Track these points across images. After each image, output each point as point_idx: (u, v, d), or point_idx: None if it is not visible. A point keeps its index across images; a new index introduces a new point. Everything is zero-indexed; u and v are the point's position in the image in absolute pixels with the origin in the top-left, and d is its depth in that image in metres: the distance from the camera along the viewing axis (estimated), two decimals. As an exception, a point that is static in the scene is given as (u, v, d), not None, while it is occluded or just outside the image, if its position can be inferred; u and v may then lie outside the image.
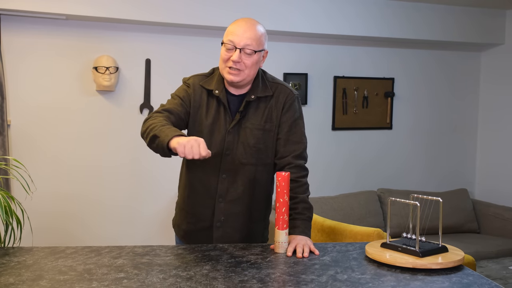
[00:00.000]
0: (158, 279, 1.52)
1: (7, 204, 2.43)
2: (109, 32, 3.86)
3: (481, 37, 4.70)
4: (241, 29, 1.89)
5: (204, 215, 2.04)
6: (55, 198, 3.79)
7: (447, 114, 4.96)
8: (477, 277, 1.59)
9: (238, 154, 1.98)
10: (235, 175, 2.00)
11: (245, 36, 1.88)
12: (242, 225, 2.05)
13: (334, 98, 4.55)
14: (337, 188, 4.58)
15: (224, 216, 2.02)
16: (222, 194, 2.01)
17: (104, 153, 3.91)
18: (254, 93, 1.98)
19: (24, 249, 1.83)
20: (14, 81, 3.68)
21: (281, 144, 2.01)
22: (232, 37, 1.89)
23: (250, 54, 1.89)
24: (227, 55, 1.90)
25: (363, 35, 4.36)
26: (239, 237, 2.05)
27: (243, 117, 1.98)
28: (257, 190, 2.03)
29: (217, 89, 1.98)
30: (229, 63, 1.90)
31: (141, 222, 4.01)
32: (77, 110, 3.83)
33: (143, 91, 3.99)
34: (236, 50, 1.88)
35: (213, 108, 1.99)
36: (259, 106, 1.99)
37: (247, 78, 1.94)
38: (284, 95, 2.01)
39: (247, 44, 1.88)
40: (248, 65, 1.90)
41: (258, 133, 1.98)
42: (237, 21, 1.94)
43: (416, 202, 1.71)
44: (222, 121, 1.98)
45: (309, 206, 1.99)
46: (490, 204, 4.70)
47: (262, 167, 2.02)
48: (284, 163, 2.00)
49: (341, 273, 1.60)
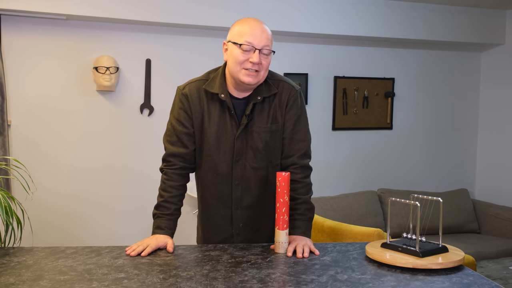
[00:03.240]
0: (158, 279, 1.52)
1: (7, 204, 2.43)
2: (109, 32, 3.87)
3: (481, 37, 4.70)
4: (258, 30, 1.83)
5: (223, 225, 2.02)
6: (55, 198, 3.80)
7: (447, 114, 4.96)
8: (477, 277, 1.59)
9: (248, 159, 1.95)
10: (248, 181, 1.97)
11: (263, 36, 1.83)
12: (262, 228, 2.03)
13: (335, 98, 4.55)
14: (337, 188, 4.58)
15: (243, 223, 2.00)
16: (237, 201, 1.98)
17: (104, 153, 3.91)
18: (260, 94, 1.92)
19: (25, 249, 1.83)
20: (14, 81, 3.68)
21: (286, 143, 1.98)
22: (250, 38, 1.82)
23: (267, 55, 1.86)
24: (244, 57, 1.83)
25: (364, 35, 4.36)
26: (260, 238, 2.03)
27: (250, 120, 1.93)
28: (270, 191, 1.99)
29: (222, 92, 1.91)
30: (246, 65, 1.83)
31: (141, 222, 4.01)
32: (77, 110, 3.83)
33: (143, 91, 3.99)
34: (256, 51, 1.82)
35: (215, 114, 1.93)
36: (264, 107, 1.94)
37: (262, 79, 1.90)
38: (287, 92, 1.97)
39: (266, 45, 1.84)
40: (265, 66, 1.86)
41: (265, 136, 1.94)
42: (248, 21, 1.87)
43: (416, 202, 1.71)
44: (228, 127, 1.93)
45: (311, 207, 1.99)
46: (490, 204, 4.70)
47: (273, 168, 1.99)
48: (289, 163, 1.98)
49: (341, 273, 1.60)
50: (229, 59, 1.88)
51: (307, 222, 1.96)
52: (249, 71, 1.84)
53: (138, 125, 3.99)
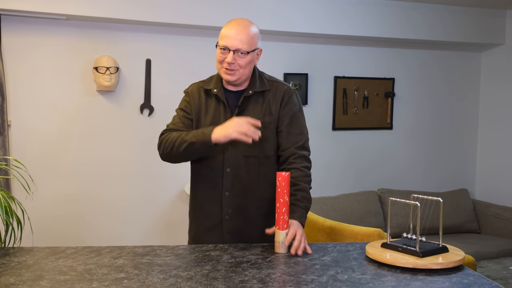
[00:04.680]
0: (158, 279, 1.52)
1: (7, 204, 2.43)
2: (109, 32, 3.87)
3: (481, 37, 4.70)
4: (233, 32, 1.99)
5: (213, 211, 2.07)
6: (55, 198, 3.79)
7: (448, 114, 4.96)
8: (477, 277, 1.59)
9: (239, 147, 2.03)
10: (239, 168, 2.04)
11: (238, 38, 1.98)
12: (253, 217, 2.06)
13: (335, 98, 4.55)
14: (337, 188, 4.58)
15: (232, 209, 2.05)
16: (227, 187, 2.04)
17: (104, 153, 3.91)
18: (252, 88, 2.07)
19: (25, 249, 1.83)
20: (14, 81, 3.68)
21: (283, 136, 2.08)
22: (225, 40, 1.99)
23: (243, 55, 1.99)
24: (222, 57, 2.01)
25: (364, 35, 4.36)
26: (250, 229, 2.05)
27: (242, 111, 2.06)
28: (263, 183, 2.06)
29: (215, 88, 2.09)
30: (224, 64, 2.01)
31: (141, 222, 4.01)
32: (77, 110, 3.83)
33: (143, 91, 3.99)
34: (230, 52, 1.98)
35: (212, 107, 2.09)
36: (258, 100, 2.08)
37: (243, 76, 2.04)
38: (282, 90, 2.11)
39: (239, 47, 1.98)
40: (242, 65, 2.01)
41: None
42: (230, 23, 2.03)
43: (417, 202, 1.71)
44: (222, 117, 2.05)
45: (309, 197, 2.02)
46: (491, 204, 4.70)
47: (265, 159, 2.07)
48: (288, 154, 2.06)
49: (342, 273, 1.60)
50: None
51: (302, 209, 1.97)
52: (227, 70, 2.02)
53: (138, 125, 3.99)
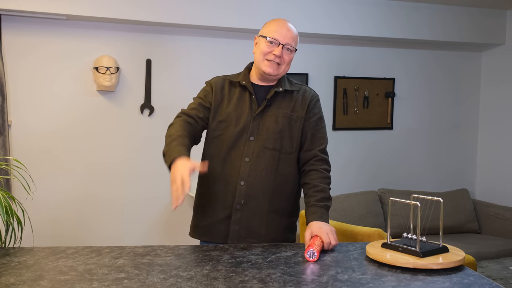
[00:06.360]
0: (158, 279, 1.52)
1: (7, 205, 2.43)
2: (109, 32, 3.87)
3: (481, 37, 4.70)
4: (285, 29, 2.07)
5: (225, 199, 2.06)
6: (55, 198, 3.80)
7: (448, 114, 4.96)
8: (477, 277, 1.59)
9: (262, 139, 2.06)
10: (257, 159, 2.05)
11: (288, 35, 2.06)
12: (262, 211, 2.05)
13: (335, 98, 4.55)
14: (337, 188, 4.58)
15: (245, 199, 2.04)
16: (243, 176, 2.04)
17: (105, 153, 3.91)
18: (282, 86, 2.12)
19: (25, 249, 1.83)
20: (14, 81, 3.68)
21: (308, 137, 2.12)
22: (276, 34, 2.05)
23: (289, 51, 2.07)
24: (269, 49, 2.06)
25: (364, 35, 4.36)
26: (258, 223, 2.05)
27: (270, 105, 2.09)
28: (279, 179, 2.07)
29: (243, 80, 2.14)
30: (269, 56, 2.06)
31: (142, 222, 4.01)
32: (77, 110, 3.83)
33: (143, 91, 3.99)
34: (279, 45, 2.04)
35: (235, 97, 2.12)
36: (286, 97, 2.12)
37: (282, 73, 2.11)
38: (310, 93, 2.17)
39: (289, 42, 2.06)
40: (286, 61, 2.08)
41: (284, 120, 2.08)
42: (278, 20, 2.11)
43: (417, 202, 1.71)
44: (246, 108, 2.09)
45: (328, 196, 2.04)
46: (491, 204, 4.70)
47: (285, 155, 2.08)
48: (311, 155, 2.11)
49: (342, 273, 1.60)
50: (256, 50, 2.12)
51: (323, 209, 1.98)
52: (271, 62, 2.06)
53: (138, 125, 3.99)
